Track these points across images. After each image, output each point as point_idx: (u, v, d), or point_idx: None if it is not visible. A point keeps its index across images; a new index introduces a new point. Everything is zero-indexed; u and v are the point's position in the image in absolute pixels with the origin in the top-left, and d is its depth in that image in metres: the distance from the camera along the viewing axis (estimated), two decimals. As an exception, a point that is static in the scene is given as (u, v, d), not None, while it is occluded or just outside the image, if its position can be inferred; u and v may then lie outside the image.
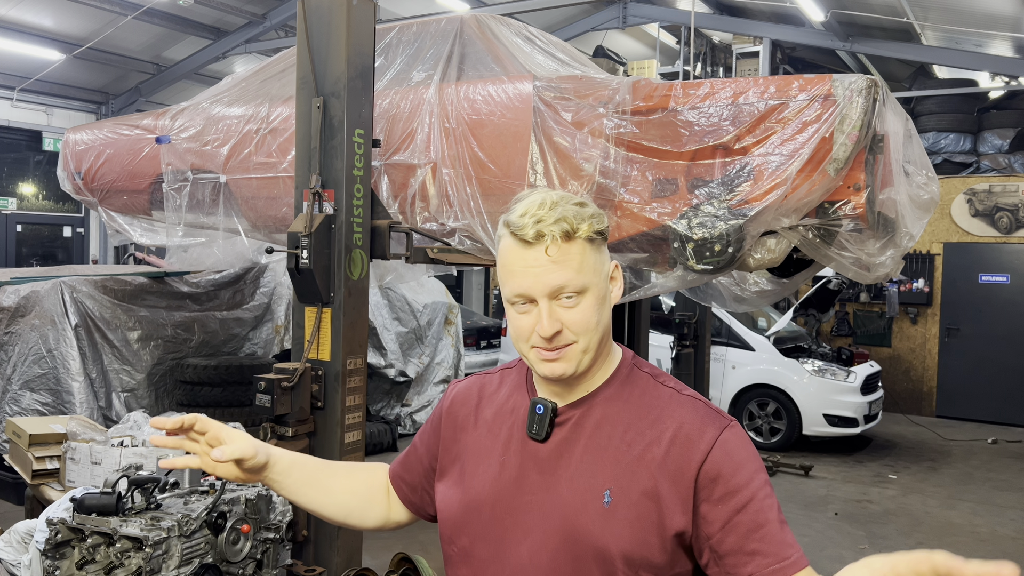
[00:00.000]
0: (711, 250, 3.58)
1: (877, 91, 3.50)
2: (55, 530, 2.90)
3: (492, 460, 1.39)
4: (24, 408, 5.66)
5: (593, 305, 1.29)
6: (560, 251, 1.26)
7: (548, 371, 1.30)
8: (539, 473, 1.34)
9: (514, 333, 1.33)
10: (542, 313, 1.27)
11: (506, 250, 1.30)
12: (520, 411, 1.40)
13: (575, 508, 1.30)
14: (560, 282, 1.26)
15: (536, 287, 1.26)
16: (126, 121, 5.87)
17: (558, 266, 1.26)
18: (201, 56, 11.91)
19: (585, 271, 1.28)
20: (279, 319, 7.13)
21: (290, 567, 3.47)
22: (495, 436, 1.41)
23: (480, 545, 1.38)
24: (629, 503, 1.28)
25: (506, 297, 1.32)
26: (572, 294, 1.27)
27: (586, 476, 1.31)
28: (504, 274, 1.31)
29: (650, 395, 1.35)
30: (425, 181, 4.19)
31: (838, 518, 6.35)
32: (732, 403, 8.71)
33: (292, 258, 3.59)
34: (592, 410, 1.35)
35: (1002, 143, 10.67)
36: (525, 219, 1.26)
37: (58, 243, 12.85)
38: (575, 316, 1.27)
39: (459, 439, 1.47)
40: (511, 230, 1.28)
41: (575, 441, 1.33)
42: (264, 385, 3.50)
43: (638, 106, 3.80)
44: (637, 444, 1.30)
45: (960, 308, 10.66)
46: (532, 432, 1.35)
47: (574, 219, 1.27)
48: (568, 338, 1.28)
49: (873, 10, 9.26)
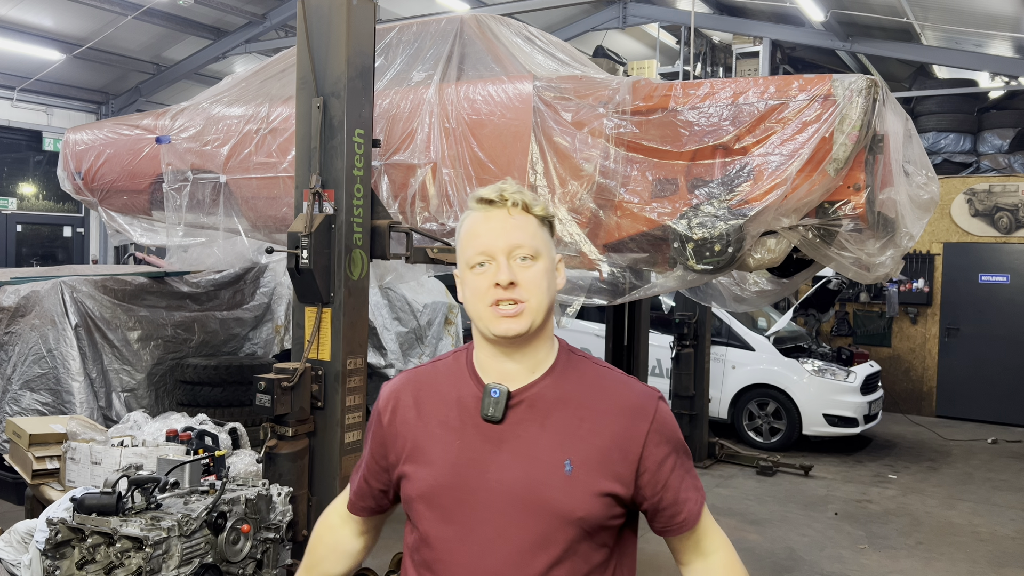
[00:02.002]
0: (711, 250, 3.58)
1: (877, 91, 3.50)
2: (55, 530, 2.90)
3: (446, 447, 1.48)
4: (24, 408, 5.66)
5: (543, 272, 1.45)
6: (518, 215, 1.45)
7: (504, 327, 1.42)
8: (499, 452, 1.45)
9: (471, 296, 1.45)
10: (500, 265, 1.42)
11: (470, 221, 1.48)
12: (468, 398, 1.49)
13: (539, 480, 1.42)
14: (518, 240, 1.43)
15: (497, 242, 1.43)
16: (126, 121, 5.87)
17: (516, 225, 1.44)
18: (201, 56, 11.91)
19: (538, 240, 1.45)
20: (279, 319, 7.12)
21: (290, 567, 3.47)
22: (445, 424, 1.50)
23: (442, 527, 1.46)
24: (588, 470, 1.43)
25: (466, 261, 1.46)
26: (527, 256, 1.43)
27: (546, 450, 1.44)
28: (467, 241, 1.46)
29: (591, 375, 1.52)
30: (425, 181, 4.20)
31: (838, 518, 6.35)
32: (732, 403, 8.71)
33: (292, 258, 3.59)
34: (544, 391, 1.47)
35: (1002, 143, 10.67)
36: (489, 188, 1.47)
37: (58, 243, 12.86)
38: (529, 275, 1.43)
39: (403, 435, 1.53)
40: (476, 199, 1.47)
41: (531, 420, 1.46)
42: (264, 385, 3.50)
43: (638, 106, 3.80)
44: (588, 418, 1.46)
45: (960, 308, 10.65)
46: (488, 415, 1.45)
47: (531, 198, 1.47)
48: (522, 295, 1.42)
49: (873, 10, 9.26)
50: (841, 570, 5.30)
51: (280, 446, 3.60)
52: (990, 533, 6.12)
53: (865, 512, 6.55)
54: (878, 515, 6.47)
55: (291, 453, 3.61)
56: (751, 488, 7.08)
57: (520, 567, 1.41)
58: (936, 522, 6.35)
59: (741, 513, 6.34)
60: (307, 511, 3.66)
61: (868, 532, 6.06)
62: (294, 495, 3.50)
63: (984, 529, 6.21)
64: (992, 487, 7.41)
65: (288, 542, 3.43)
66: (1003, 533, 6.14)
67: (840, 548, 5.68)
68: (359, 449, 3.79)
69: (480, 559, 1.43)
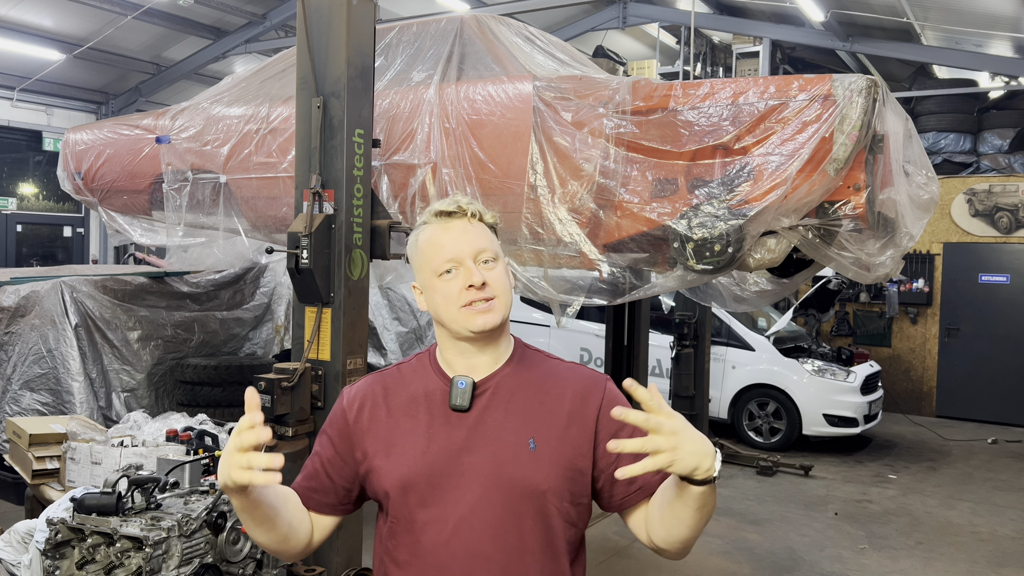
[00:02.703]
0: (711, 250, 3.58)
1: (877, 91, 3.50)
2: (55, 530, 2.90)
3: (416, 438, 1.58)
4: (24, 408, 5.66)
5: (504, 272, 1.58)
6: (477, 223, 1.58)
7: (481, 321, 1.53)
8: (467, 438, 1.55)
9: (442, 302, 1.55)
10: (471, 269, 1.54)
11: (430, 234, 1.58)
12: (436, 392, 1.60)
13: (507, 459, 1.53)
14: (482, 245, 1.56)
15: (463, 248, 1.54)
16: (126, 121, 5.87)
17: (476, 233, 1.57)
18: (201, 56, 11.91)
19: (495, 244, 1.59)
20: (279, 319, 7.12)
21: (290, 567, 3.47)
22: (414, 418, 1.60)
23: (419, 511, 1.55)
24: (550, 446, 1.54)
25: (434, 270, 1.56)
26: (490, 259, 1.56)
27: (511, 431, 1.55)
28: (430, 254, 1.57)
29: (545, 365, 1.65)
30: (425, 181, 4.20)
31: (838, 518, 6.35)
32: (732, 403, 8.71)
33: (292, 258, 3.59)
34: (505, 380, 1.60)
35: (1002, 143, 10.66)
36: (445, 201, 1.59)
37: (58, 243, 12.86)
38: (494, 275, 1.56)
39: (373, 431, 1.61)
40: (434, 214, 1.59)
41: (496, 406, 1.57)
42: (264, 385, 3.50)
43: (638, 106, 3.80)
44: (547, 401, 1.59)
45: (960, 308, 10.65)
46: (456, 404, 1.56)
47: (482, 207, 1.60)
48: (492, 292, 1.54)
49: (873, 10, 9.25)
50: (841, 570, 5.30)
51: (280, 446, 3.60)
52: (990, 533, 6.12)
53: (865, 512, 6.55)
54: (878, 515, 6.47)
55: (291, 453, 3.61)
56: (751, 488, 7.08)
57: (495, 540, 1.52)
58: (936, 522, 6.35)
59: (741, 513, 6.34)
60: (307, 511, 3.66)
61: (868, 532, 6.06)
62: (294, 495, 3.50)
63: (984, 529, 6.21)
64: (992, 487, 7.41)
65: (288, 542, 3.42)
66: (1003, 533, 6.14)
67: (840, 548, 5.68)
68: (359, 449, 3.79)
69: (456, 537, 1.52)
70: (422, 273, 1.59)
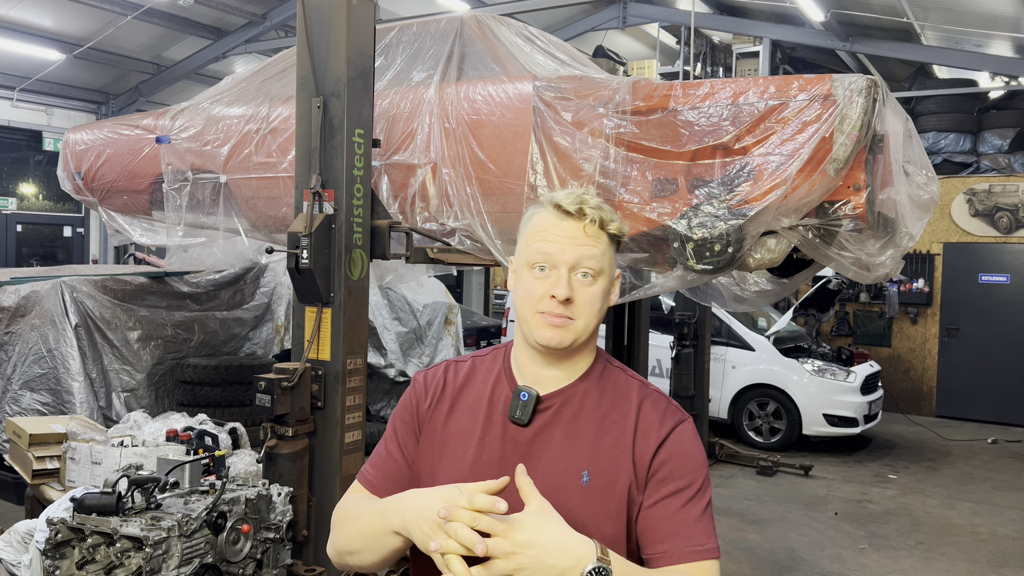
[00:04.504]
0: (711, 250, 3.58)
1: (877, 91, 3.50)
2: (55, 530, 2.90)
3: (470, 442, 1.47)
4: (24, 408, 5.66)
5: (600, 292, 1.42)
6: (593, 232, 1.40)
7: (548, 336, 1.40)
8: (520, 455, 1.42)
9: (523, 295, 1.42)
10: (561, 279, 1.38)
11: (542, 219, 1.42)
12: (500, 397, 1.48)
13: (555, 487, 1.38)
14: (586, 255, 1.39)
15: (564, 254, 1.39)
16: (126, 121, 5.87)
17: (588, 242, 1.40)
18: (201, 56, 11.91)
19: (604, 259, 1.42)
20: (279, 319, 7.12)
21: (290, 567, 3.47)
22: (473, 419, 1.49)
23: None
24: (604, 483, 1.40)
25: (528, 260, 1.42)
26: (589, 272, 1.40)
27: (565, 458, 1.42)
28: (533, 238, 1.42)
29: (622, 388, 1.48)
30: (425, 181, 4.19)
31: (838, 518, 6.35)
32: (732, 403, 8.71)
33: (292, 258, 3.59)
34: (572, 399, 1.45)
35: (1002, 143, 10.67)
36: (571, 196, 1.41)
37: (58, 243, 12.85)
38: (586, 295, 1.40)
39: (435, 423, 1.52)
40: (555, 202, 1.41)
41: (556, 426, 1.44)
42: (264, 385, 3.50)
43: (638, 106, 3.80)
44: (611, 431, 1.43)
45: (960, 308, 10.65)
46: (515, 417, 1.44)
47: (609, 214, 1.42)
48: (574, 312, 1.40)
49: (873, 10, 9.25)
50: (841, 570, 5.30)
51: (280, 446, 3.60)
52: (990, 533, 6.12)
53: (865, 512, 6.54)
54: (878, 515, 6.47)
55: (291, 453, 3.61)
56: (751, 488, 7.08)
57: None
58: (936, 522, 6.34)
59: (741, 513, 6.34)
60: (307, 511, 3.66)
61: (868, 532, 6.05)
62: (294, 495, 3.50)
63: (984, 529, 6.21)
64: (992, 487, 7.41)
65: (288, 542, 3.43)
66: (1003, 533, 6.14)
67: (840, 548, 5.68)
68: (359, 449, 3.79)
69: None
70: (519, 255, 1.46)
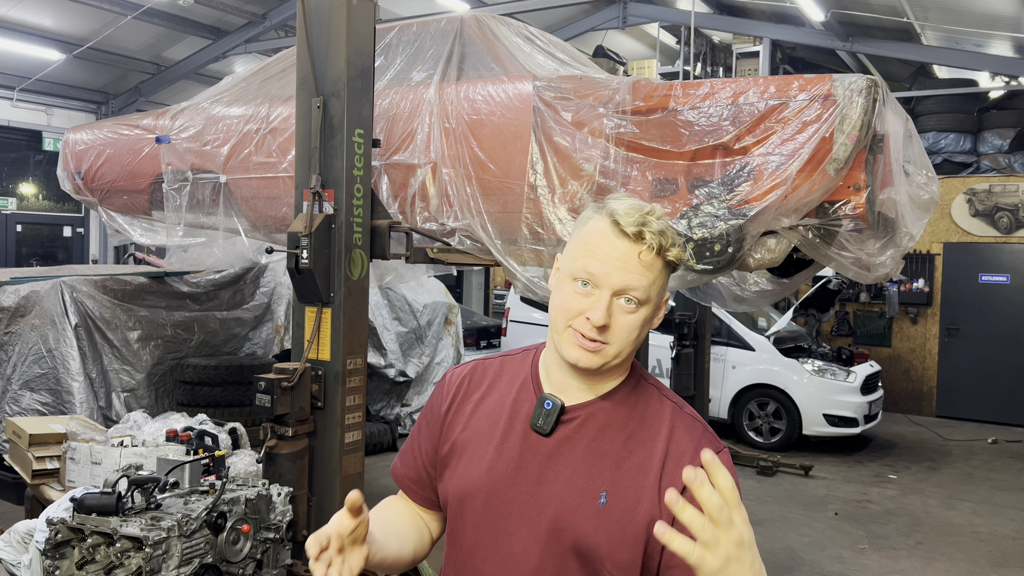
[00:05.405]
0: (711, 250, 3.58)
1: (877, 91, 3.50)
2: (55, 530, 2.90)
3: (489, 448, 1.41)
4: (24, 408, 5.66)
5: (641, 321, 1.33)
6: (649, 259, 1.29)
7: (576, 356, 1.32)
8: (538, 466, 1.36)
9: (559, 305, 1.34)
10: (601, 302, 1.29)
11: (597, 231, 1.32)
12: (524, 403, 1.41)
13: (571, 505, 1.32)
14: (633, 284, 1.29)
15: (611, 277, 1.29)
16: (126, 121, 5.87)
17: (640, 270, 1.29)
18: (201, 56, 11.91)
19: (653, 288, 1.32)
20: (279, 319, 7.13)
21: (290, 567, 3.47)
22: (494, 424, 1.43)
23: (471, 531, 1.40)
24: (623, 507, 1.31)
25: (570, 271, 1.33)
26: (634, 301, 1.30)
27: (584, 475, 1.34)
28: (582, 251, 1.32)
29: (654, 407, 1.39)
30: (425, 181, 4.19)
31: (838, 518, 6.35)
32: (732, 403, 8.71)
33: (292, 258, 3.59)
34: (598, 413, 1.37)
35: (1002, 143, 10.67)
36: (632, 215, 1.29)
37: (58, 243, 12.85)
38: (625, 322, 1.31)
39: (458, 424, 1.47)
40: (614, 217, 1.30)
41: (578, 440, 1.36)
42: (264, 385, 3.50)
43: (638, 106, 3.80)
44: (637, 452, 1.35)
45: (960, 308, 10.65)
46: (537, 425, 1.37)
47: (671, 239, 1.31)
48: (608, 338, 1.31)
49: (873, 10, 9.25)
50: (841, 570, 5.30)
51: (280, 446, 3.60)
52: (990, 533, 6.12)
53: (865, 512, 6.54)
54: (878, 515, 6.47)
55: (291, 453, 3.61)
56: (751, 488, 7.08)
57: None
58: (936, 522, 6.34)
59: (741, 513, 6.34)
60: (307, 511, 3.66)
61: (868, 532, 6.05)
62: (294, 495, 3.50)
63: (984, 529, 6.21)
64: (992, 487, 7.41)
65: (288, 542, 3.43)
66: (1003, 533, 6.14)
67: (840, 548, 5.68)
68: (359, 449, 3.79)
69: (501, 571, 1.37)
70: (565, 260, 1.36)
